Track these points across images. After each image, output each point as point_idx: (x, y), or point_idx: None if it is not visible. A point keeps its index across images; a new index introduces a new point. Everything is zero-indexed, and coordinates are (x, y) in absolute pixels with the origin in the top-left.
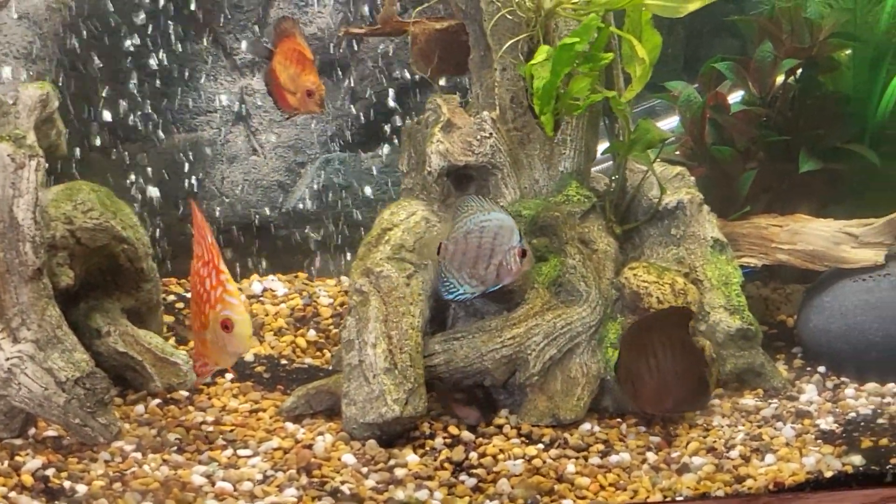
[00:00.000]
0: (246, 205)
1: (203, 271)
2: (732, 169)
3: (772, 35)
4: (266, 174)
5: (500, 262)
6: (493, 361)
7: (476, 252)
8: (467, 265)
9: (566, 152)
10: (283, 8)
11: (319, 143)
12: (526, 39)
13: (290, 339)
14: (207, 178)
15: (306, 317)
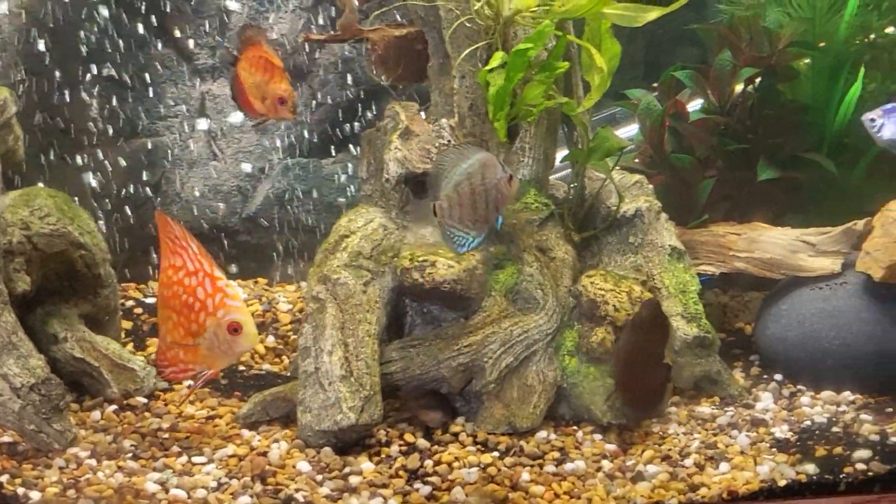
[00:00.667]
0: (205, 210)
1: (189, 281)
2: (691, 177)
3: (731, 44)
4: (226, 179)
5: (494, 197)
6: (450, 369)
7: (471, 199)
8: (467, 214)
9: (524, 160)
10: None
11: (280, 149)
12: (485, 47)
13: None
14: (167, 183)
15: (265, 323)
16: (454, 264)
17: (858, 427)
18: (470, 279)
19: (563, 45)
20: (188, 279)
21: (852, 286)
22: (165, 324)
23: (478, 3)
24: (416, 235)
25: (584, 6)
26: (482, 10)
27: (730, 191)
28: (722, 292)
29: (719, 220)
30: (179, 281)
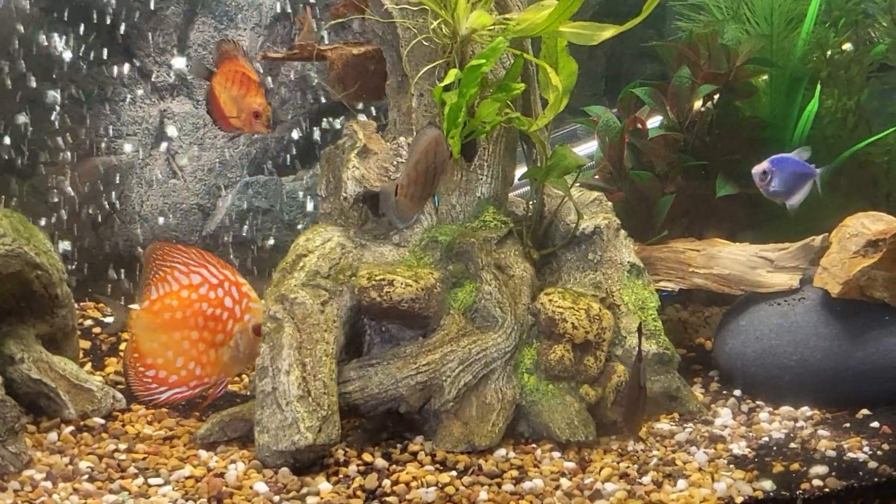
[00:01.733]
0: (165, 228)
1: (215, 293)
2: (651, 193)
3: (689, 61)
4: (186, 197)
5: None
6: (408, 388)
7: (425, 175)
8: (419, 191)
9: (483, 178)
10: (203, 31)
11: (240, 167)
12: (442, 65)
13: None
14: (126, 201)
15: None
16: (412, 283)
17: (816, 443)
18: (428, 297)
19: (519, 65)
20: (212, 292)
21: (810, 302)
22: (174, 347)
23: (434, 21)
24: (375, 254)
25: (539, 25)
26: (439, 28)
27: (689, 207)
28: (682, 308)
29: (679, 236)
30: (203, 297)
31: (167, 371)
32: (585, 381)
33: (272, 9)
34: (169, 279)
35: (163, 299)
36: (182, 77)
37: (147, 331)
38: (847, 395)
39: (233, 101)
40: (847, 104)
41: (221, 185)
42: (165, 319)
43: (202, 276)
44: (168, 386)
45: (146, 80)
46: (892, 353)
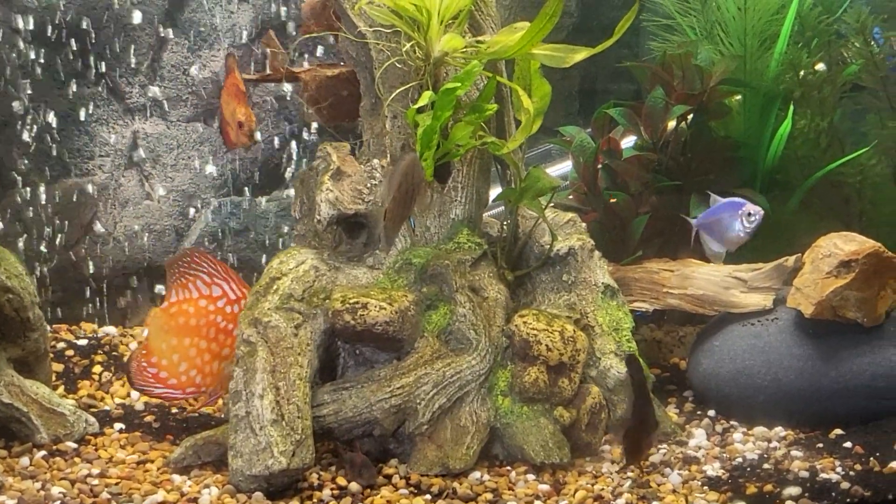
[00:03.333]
0: (139, 249)
1: (231, 308)
2: (625, 214)
3: (663, 81)
4: (159, 218)
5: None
6: (382, 411)
7: (406, 197)
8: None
9: (457, 199)
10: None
11: (214, 187)
12: (416, 87)
13: None
14: (100, 222)
15: None
16: (386, 306)
17: (789, 463)
18: (402, 320)
19: (492, 87)
20: (229, 307)
21: (784, 322)
22: (181, 352)
23: (408, 43)
24: (349, 276)
25: (512, 47)
26: (412, 50)
27: (663, 227)
28: (657, 327)
29: (653, 256)
30: (219, 310)
31: (168, 373)
32: (560, 403)
33: (247, 30)
34: (190, 286)
35: (181, 304)
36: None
37: (160, 330)
38: (820, 415)
39: (231, 115)
40: (820, 124)
41: (196, 205)
42: (179, 324)
43: (222, 290)
44: (165, 386)
45: (119, 101)
46: (864, 372)
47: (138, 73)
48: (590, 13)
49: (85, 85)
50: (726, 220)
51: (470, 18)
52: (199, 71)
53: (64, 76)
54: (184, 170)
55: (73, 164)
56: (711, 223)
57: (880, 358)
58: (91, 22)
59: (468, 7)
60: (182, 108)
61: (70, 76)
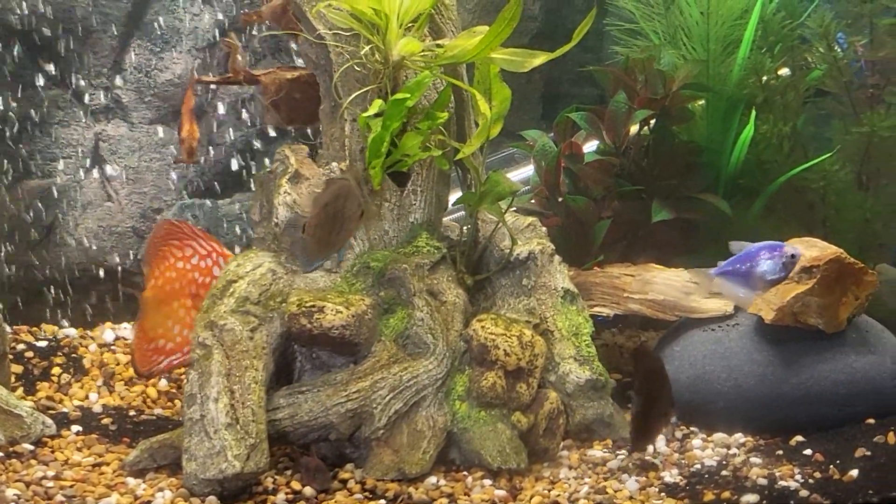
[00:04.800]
0: (100, 251)
1: (204, 262)
2: (587, 218)
3: (626, 85)
4: (121, 220)
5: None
6: (338, 415)
7: (332, 223)
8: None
9: (416, 203)
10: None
11: (176, 190)
12: (375, 91)
13: (141, 389)
14: (61, 223)
15: None
16: (342, 310)
17: (748, 470)
18: (359, 324)
19: (447, 94)
20: (202, 262)
21: (744, 328)
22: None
23: (366, 46)
24: (306, 280)
25: (471, 51)
26: (371, 54)
27: (626, 232)
28: (618, 332)
29: (615, 261)
30: (195, 266)
31: (165, 339)
32: (517, 409)
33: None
34: (167, 255)
35: (162, 273)
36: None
37: (153, 309)
38: (781, 421)
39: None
40: (783, 129)
41: (157, 208)
42: (166, 292)
43: (193, 248)
44: (166, 354)
45: (81, 103)
46: (825, 379)
47: (100, 76)
48: (553, 18)
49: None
50: (764, 265)
51: (430, 22)
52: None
53: (25, 77)
54: (146, 172)
55: (34, 165)
56: (737, 270)
57: (841, 364)
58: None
59: (427, 11)
60: (144, 110)
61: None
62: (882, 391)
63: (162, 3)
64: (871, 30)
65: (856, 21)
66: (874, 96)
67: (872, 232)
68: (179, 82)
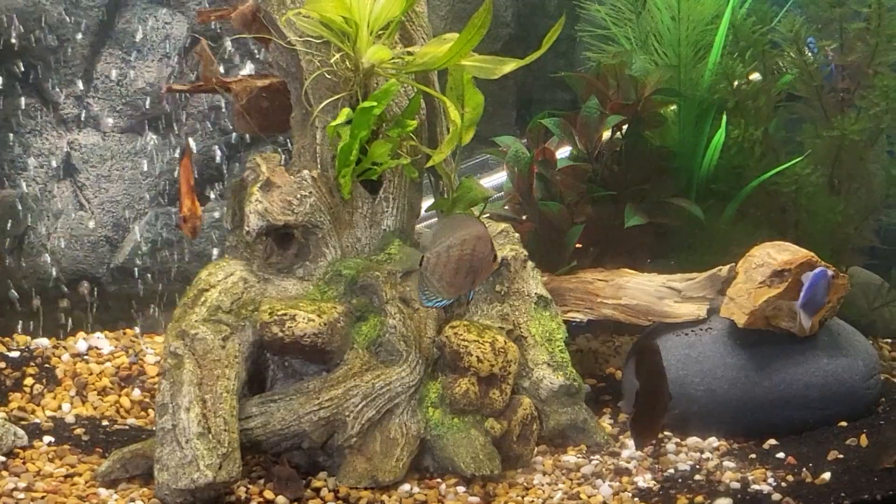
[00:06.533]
0: (73, 260)
1: None
2: (560, 223)
3: (598, 91)
4: (93, 229)
5: (476, 271)
6: (311, 423)
7: (456, 264)
8: (447, 276)
9: (389, 210)
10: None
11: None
12: (346, 99)
13: (115, 399)
14: (33, 233)
15: (132, 375)
16: (314, 318)
17: (721, 474)
18: (331, 332)
19: (417, 101)
20: None
21: (717, 332)
22: None
23: (337, 54)
24: (278, 288)
25: (441, 58)
26: (341, 61)
27: (599, 237)
28: (593, 337)
29: (589, 266)
30: None
31: None
32: (491, 415)
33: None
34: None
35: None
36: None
37: None
38: (754, 425)
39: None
40: (754, 134)
41: (129, 216)
42: None
43: None
44: None
45: (53, 112)
46: (798, 382)
47: (72, 84)
48: (526, 23)
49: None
50: (823, 290)
51: (401, 29)
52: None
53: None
54: (118, 180)
55: (5, 175)
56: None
57: (813, 367)
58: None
59: (398, 18)
60: (116, 118)
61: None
62: (854, 393)
63: (133, 11)
64: (841, 34)
65: (826, 26)
66: (844, 100)
67: (844, 235)
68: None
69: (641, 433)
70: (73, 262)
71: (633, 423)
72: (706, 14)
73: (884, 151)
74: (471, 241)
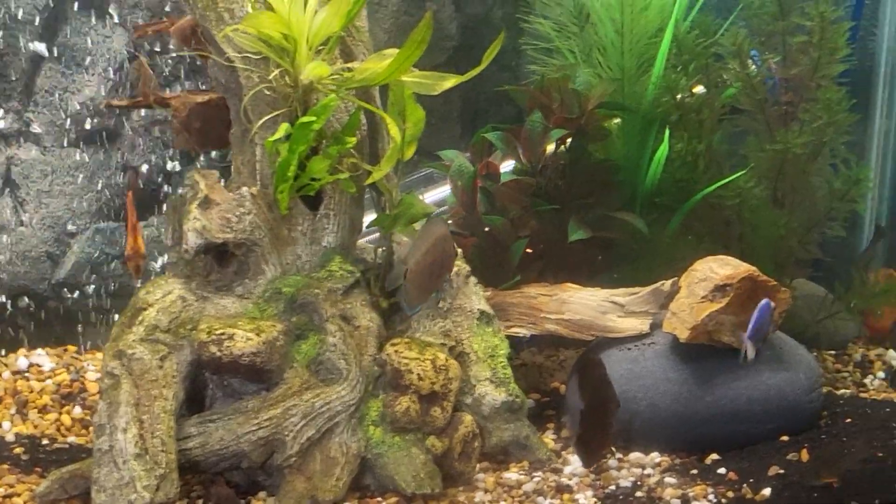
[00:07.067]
0: (13, 276)
1: None
2: (504, 238)
3: (542, 105)
4: (34, 245)
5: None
6: (250, 443)
7: (431, 268)
8: (426, 281)
9: (329, 227)
10: (50, 78)
11: (90, 214)
12: (285, 115)
13: (55, 417)
14: None
15: (73, 393)
16: (253, 336)
17: (662, 491)
18: (270, 351)
19: (357, 118)
20: None
21: (660, 347)
22: None
23: (276, 70)
24: (217, 306)
25: (381, 74)
26: (280, 77)
27: (543, 251)
28: (537, 351)
29: (534, 280)
30: None
31: None
32: (432, 433)
33: (120, 54)
34: None
35: None
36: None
37: None
38: (696, 439)
39: None
40: (698, 147)
41: (71, 231)
42: None
43: None
44: None
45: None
46: (740, 396)
47: (11, 99)
48: (470, 36)
49: None
50: (768, 320)
51: (341, 44)
52: (74, 95)
53: None
54: (59, 196)
55: None
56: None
57: (756, 382)
58: None
59: (338, 34)
60: (56, 133)
61: None
62: (796, 407)
63: (72, 25)
64: (784, 47)
65: (769, 39)
66: (788, 113)
67: (788, 248)
68: (92, 105)
69: (589, 450)
70: (14, 278)
71: (580, 441)
72: (650, 27)
73: (826, 164)
74: (439, 243)
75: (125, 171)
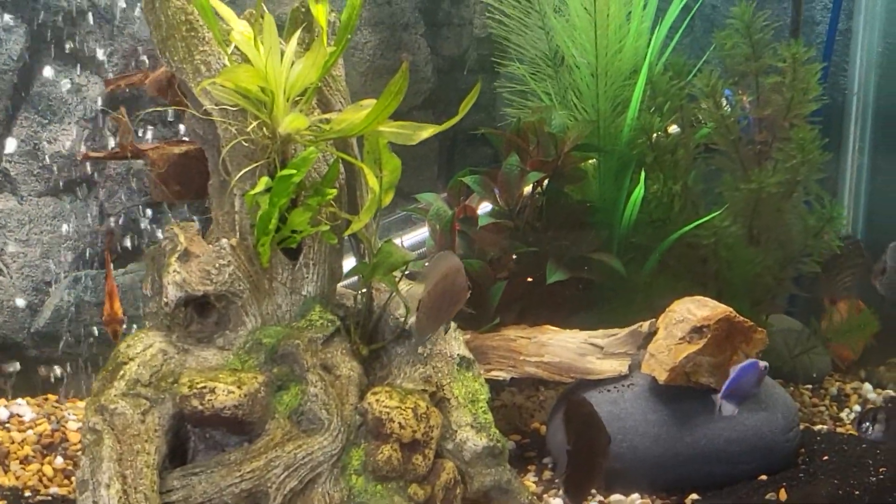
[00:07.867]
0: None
1: None
2: (483, 280)
3: (518, 148)
4: (12, 294)
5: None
6: (233, 496)
7: (441, 299)
8: (436, 312)
9: (309, 276)
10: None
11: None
12: (264, 166)
13: (37, 468)
14: None
15: (54, 443)
16: (234, 389)
17: None
18: (252, 403)
19: (335, 169)
20: None
21: (639, 388)
22: None
23: (253, 122)
24: (198, 359)
25: (358, 125)
26: (259, 129)
27: (522, 293)
28: (518, 392)
29: (513, 322)
30: None
31: None
32: (414, 480)
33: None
34: None
35: None
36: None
37: None
38: (676, 480)
39: None
40: (673, 188)
41: (49, 280)
42: None
43: None
44: None
45: None
46: (718, 437)
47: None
48: (446, 79)
49: None
50: (752, 380)
51: (318, 93)
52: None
53: None
54: (37, 245)
55: None
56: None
57: (734, 423)
58: None
59: (315, 84)
60: (34, 182)
61: None
62: (773, 447)
63: (48, 74)
64: (757, 87)
65: (742, 79)
66: (762, 152)
67: (764, 285)
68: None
69: (580, 489)
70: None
71: (569, 480)
72: (624, 69)
73: (801, 202)
74: (451, 275)
75: (102, 221)
